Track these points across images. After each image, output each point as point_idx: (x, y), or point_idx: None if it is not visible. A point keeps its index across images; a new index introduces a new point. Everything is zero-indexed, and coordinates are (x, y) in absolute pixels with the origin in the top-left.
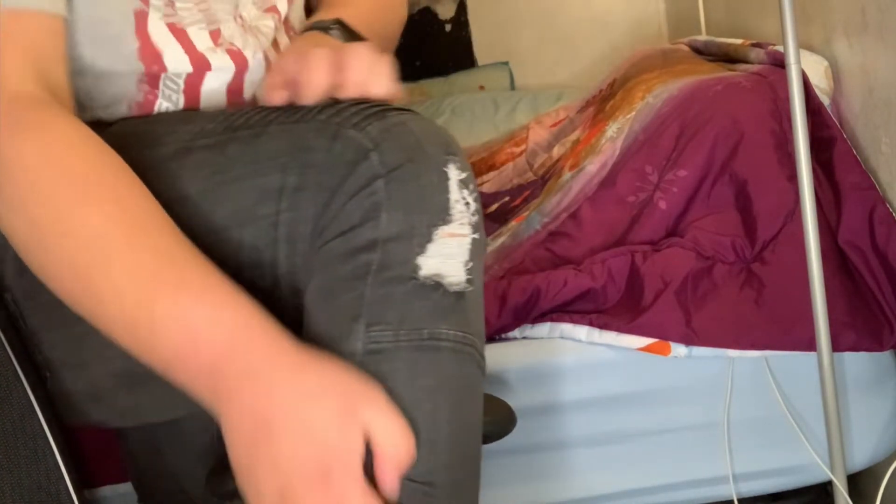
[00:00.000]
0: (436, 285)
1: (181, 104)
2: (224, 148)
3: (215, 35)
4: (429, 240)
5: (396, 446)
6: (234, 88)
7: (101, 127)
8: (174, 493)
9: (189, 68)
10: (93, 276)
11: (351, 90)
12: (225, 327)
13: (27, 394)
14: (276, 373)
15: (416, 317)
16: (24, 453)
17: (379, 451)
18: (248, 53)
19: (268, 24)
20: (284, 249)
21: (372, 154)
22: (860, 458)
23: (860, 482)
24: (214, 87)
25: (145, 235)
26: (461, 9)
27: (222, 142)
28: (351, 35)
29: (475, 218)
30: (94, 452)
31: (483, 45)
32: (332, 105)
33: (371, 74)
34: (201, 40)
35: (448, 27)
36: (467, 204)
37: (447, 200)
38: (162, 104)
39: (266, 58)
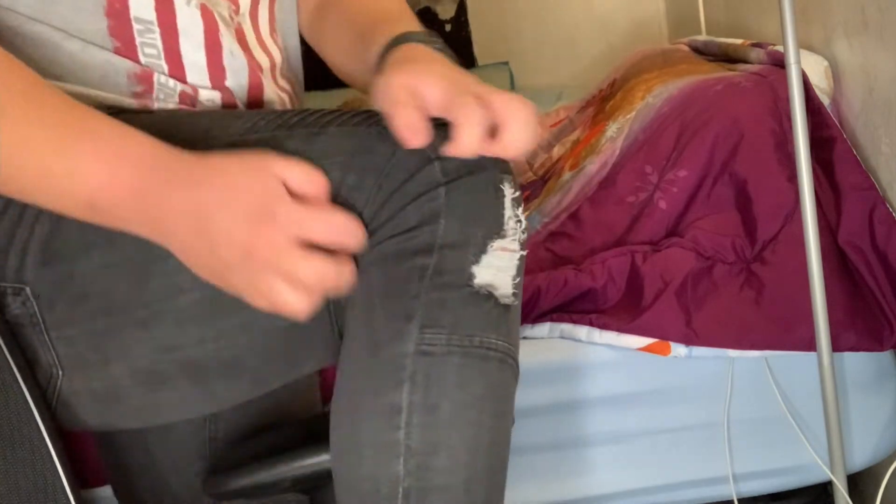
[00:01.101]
0: (488, 295)
1: (160, 44)
2: (281, 143)
3: None
4: (483, 251)
5: (308, 174)
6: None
7: (141, 114)
8: (162, 494)
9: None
10: (4, 136)
11: (507, 151)
12: (141, 147)
13: (24, 396)
14: (191, 171)
15: (468, 323)
16: (22, 455)
17: (297, 185)
18: (217, 10)
19: (221, 12)
20: None
21: (436, 162)
22: (860, 458)
23: (860, 482)
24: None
25: (46, 99)
26: (461, 9)
27: (279, 137)
28: (447, 50)
29: (524, 236)
30: (93, 452)
31: (483, 45)
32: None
33: (526, 133)
34: None
35: (448, 27)
36: (519, 221)
37: (502, 216)
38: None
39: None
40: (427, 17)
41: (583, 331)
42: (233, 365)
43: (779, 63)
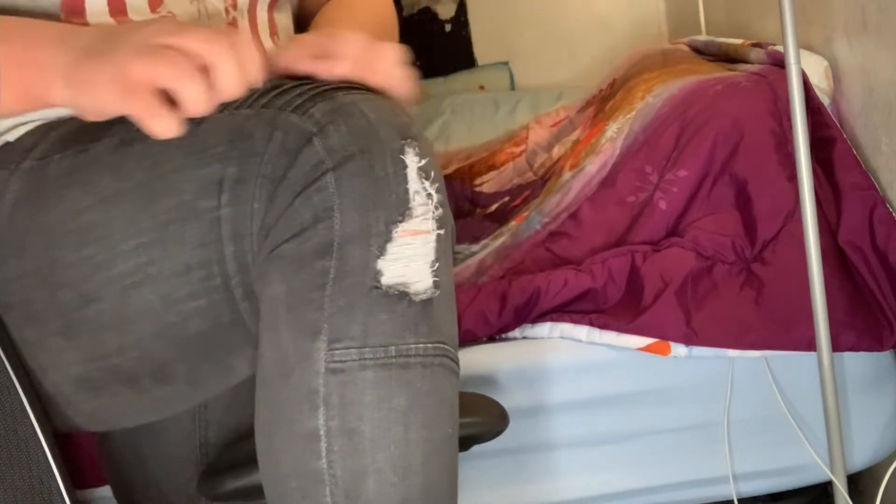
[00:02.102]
0: (401, 295)
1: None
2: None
3: None
4: (388, 239)
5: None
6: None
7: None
8: (155, 497)
9: None
10: None
11: (378, 78)
12: (56, 31)
13: (19, 396)
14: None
15: (381, 331)
16: (17, 456)
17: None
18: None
19: (215, 3)
20: (231, 247)
21: (315, 139)
22: (860, 458)
23: (860, 482)
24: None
25: None
26: (461, 9)
27: None
28: None
29: (439, 211)
30: (91, 453)
31: (483, 45)
32: (276, 87)
33: (398, 69)
34: None
35: (448, 27)
36: (429, 196)
37: (406, 192)
38: None
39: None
40: (427, 17)
41: (583, 331)
42: (161, 371)
43: (779, 63)
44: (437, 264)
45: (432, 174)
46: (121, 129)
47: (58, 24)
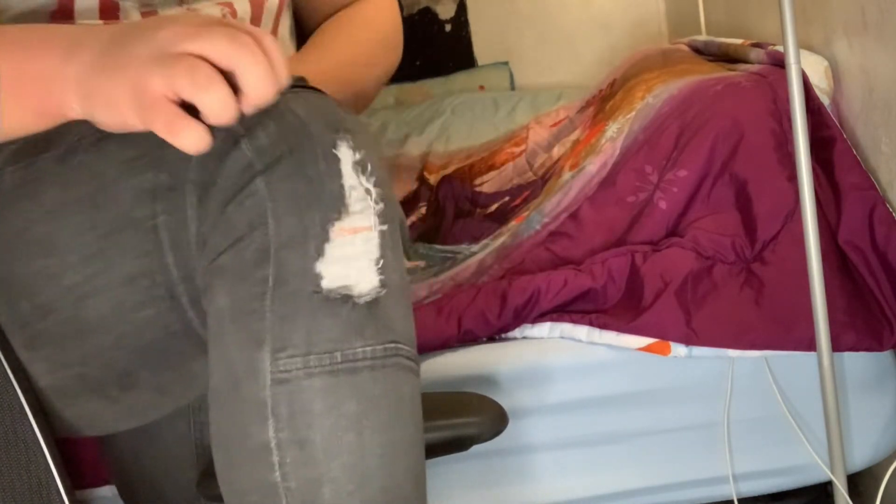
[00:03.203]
0: (344, 298)
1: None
2: (105, 145)
3: None
4: (325, 240)
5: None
6: (106, 7)
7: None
8: (156, 497)
9: None
10: None
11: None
12: (67, 37)
13: (18, 398)
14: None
15: (325, 337)
16: (16, 456)
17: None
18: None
19: (211, 11)
20: (172, 256)
21: (243, 141)
22: (860, 458)
23: (860, 482)
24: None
25: None
26: (461, 9)
27: (104, 138)
28: None
29: (380, 206)
30: (94, 453)
31: (483, 45)
32: None
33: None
34: None
35: (448, 27)
36: (367, 190)
37: (341, 188)
38: None
39: None
40: (427, 17)
41: (583, 331)
42: (126, 379)
43: (779, 63)
44: (381, 261)
45: (369, 167)
46: (67, 139)
47: (63, 28)
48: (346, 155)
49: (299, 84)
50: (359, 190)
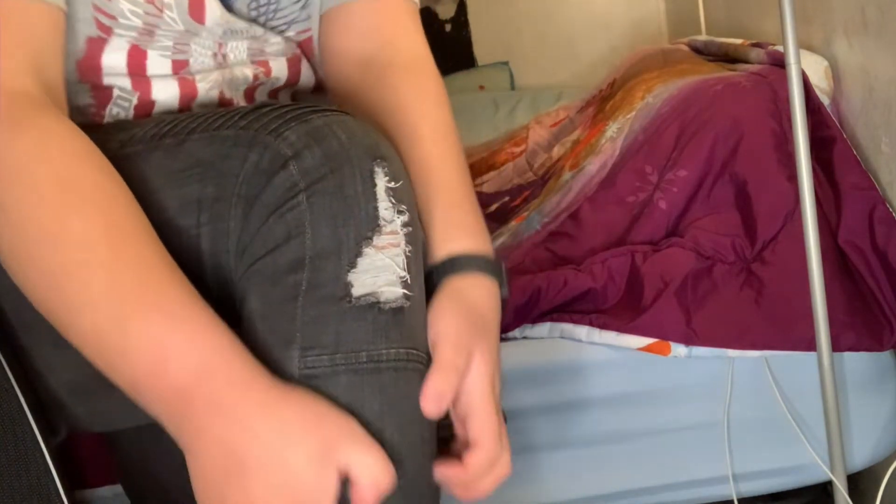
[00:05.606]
0: (371, 305)
1: (132, 114)
2: (149, 157)
3: (179, 64)
4: (358, 254)
5: (376, 480)
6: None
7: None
8: (160, 494)
9: (128, 85)
10: (70, 284)
11: (477, 489)
12: (198, 353)
13: (18, 398)
14: (248, 406)
15: (352, 339)
16: (16, 457)
17: (358, 487)
18: (201, 85)
19: (245, 72)
20: (210, 264)
21: (290, 163)
22: (860, 458)
23: (860, 482)
24: (165, 105)
25: (128, 250)
26: (461, 9)
27: (149, 149)
28: (487, 265)
29: (408, 229)
30: (94, 453)
31: (483, 45)
32: (256, 109)
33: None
34: (157, 65)
35: (448, 27)
36: (399, 212)
37: (375, 210)
38: (112, 110)
39: (223, 96)
40: (427, 17)
41: (583, 331)
42: None
43: (779, 63)
44: (406, 276)
45: (401, 192)
46: (107, 149)
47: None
48: (381, 180)
49: (343, 110)
50: (391, 212)
